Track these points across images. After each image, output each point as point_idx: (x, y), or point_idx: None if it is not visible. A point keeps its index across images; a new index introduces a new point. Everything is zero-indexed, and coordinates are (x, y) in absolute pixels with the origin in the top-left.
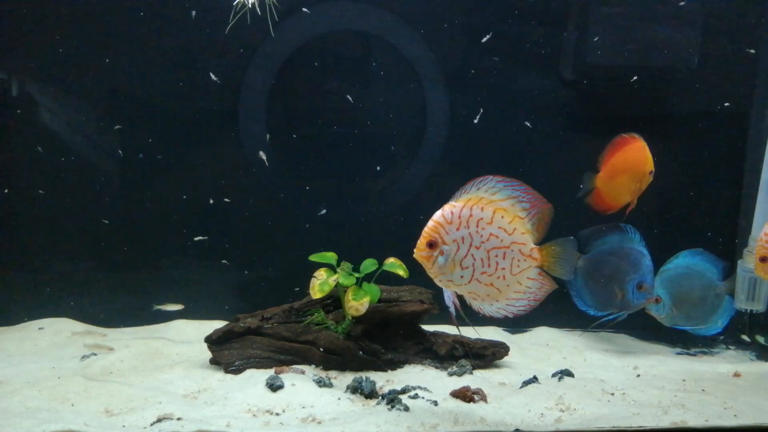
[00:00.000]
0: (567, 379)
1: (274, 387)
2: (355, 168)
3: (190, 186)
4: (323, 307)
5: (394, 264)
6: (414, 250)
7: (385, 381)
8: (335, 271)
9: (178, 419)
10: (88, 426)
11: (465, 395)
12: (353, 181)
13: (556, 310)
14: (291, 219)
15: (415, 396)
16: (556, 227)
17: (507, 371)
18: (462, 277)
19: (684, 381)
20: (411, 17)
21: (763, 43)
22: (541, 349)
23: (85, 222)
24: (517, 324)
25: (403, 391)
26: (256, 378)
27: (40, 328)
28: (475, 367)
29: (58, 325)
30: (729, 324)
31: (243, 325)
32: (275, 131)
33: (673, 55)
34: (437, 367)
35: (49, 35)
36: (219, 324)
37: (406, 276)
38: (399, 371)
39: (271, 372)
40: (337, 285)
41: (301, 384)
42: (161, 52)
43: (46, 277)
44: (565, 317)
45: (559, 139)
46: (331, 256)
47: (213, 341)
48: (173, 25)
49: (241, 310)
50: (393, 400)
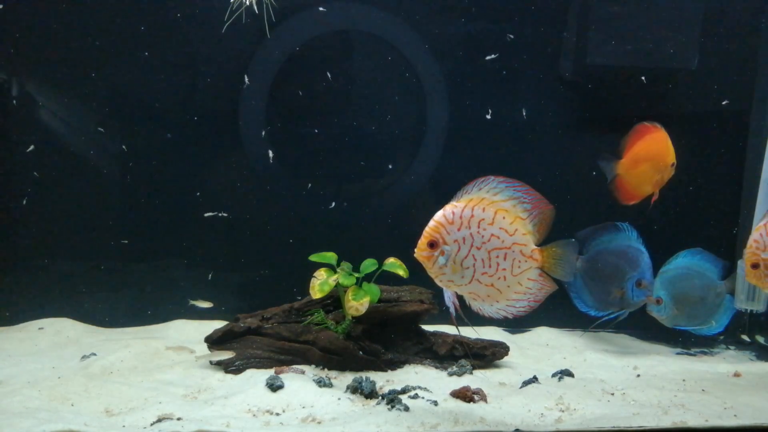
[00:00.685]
0: (567, 379)
1: (274, 387)
2: (355, 168)
3: (190, 186)
4: (323, 307)
5: (394, 264)
6: (415, 250)
7: (385, 381)
8: (335, 271)
9: (178, 419)
10: (88, 426)
11: (465, 395)
12: (353, 181)
13: (556, 309)
14: (291, 219)
15: (415, 396)
16: (557, 227)
17: (507, 371)
18: (462, 277)
19: (684, 381)
20: (411, 17)
21: (763, 43)
22: (541, 349)
23: (85, 222)
24: (517, 324)
25: (403, 391)
26: (256, 378)
27: (40, 328)
28: (475, 367)
29: (58, 325)
30: (729, 324)
31: (243, 325)
32: (275, 131)
33: (673, 55)
34: (437, 367)
35: (49, 35)
36: (219, 324)
37: (406, 276)
38: (399, 371)
39: (271, 372)
40: (337, 285)
41: (301, 384)
42: (161, 53)
43: (46, 277)
44: (565, 317)
45: (559, 138)
46: (331, 256)
47: (213, 341)
48: (174, 24)
49: (241, 310)
50: (393, 400)
